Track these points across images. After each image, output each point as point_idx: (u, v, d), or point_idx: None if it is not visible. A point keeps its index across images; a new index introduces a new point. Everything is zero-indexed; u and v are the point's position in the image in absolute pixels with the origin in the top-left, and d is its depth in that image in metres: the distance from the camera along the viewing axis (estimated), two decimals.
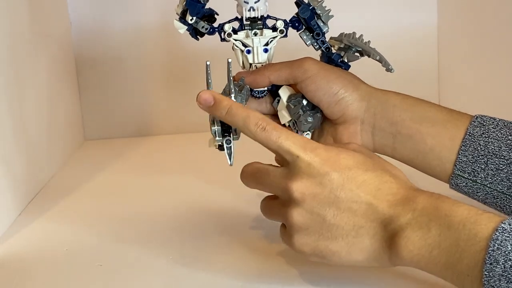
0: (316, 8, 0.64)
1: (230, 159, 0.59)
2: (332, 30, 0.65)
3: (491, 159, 0.59)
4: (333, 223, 0.50)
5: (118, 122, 1.16)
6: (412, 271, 0.55)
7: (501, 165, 0.59)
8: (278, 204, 0.54)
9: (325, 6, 0.64)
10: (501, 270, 0.43)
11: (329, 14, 0.64)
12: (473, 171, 0.60)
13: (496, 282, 0.43)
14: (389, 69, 0.63)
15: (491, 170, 0.59)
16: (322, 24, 0.65)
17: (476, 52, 1.00)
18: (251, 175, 0.55)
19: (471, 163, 0.60)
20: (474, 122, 0.60)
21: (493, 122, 0.60)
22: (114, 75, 1.14)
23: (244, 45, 0.64)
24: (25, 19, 0.87)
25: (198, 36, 0.65)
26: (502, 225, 0.44)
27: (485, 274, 0.43)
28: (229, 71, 0.58)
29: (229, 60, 0.57)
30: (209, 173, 0.89)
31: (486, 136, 0.59)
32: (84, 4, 1.11)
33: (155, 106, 1.16)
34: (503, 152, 0.59)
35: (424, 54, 1.15)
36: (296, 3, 0.65)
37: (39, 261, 0.65)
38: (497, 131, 0.59)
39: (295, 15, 0.65)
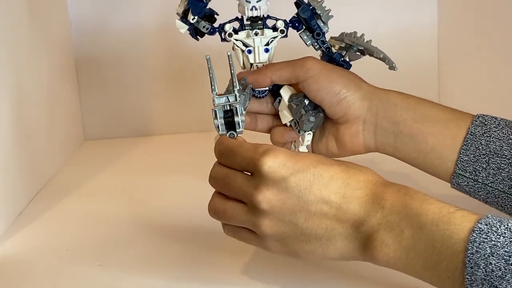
0: (316, 8, 0.64)
1: None
2: (332, 30, 0.65)
3: (493, 158, 0.59)
4: (305, 227, 0.49)
5: (118, 122, 1.16)
6: None
7: (502, 165, 0.59)
8: (243, 211, 0.51)
9: (325, 6, 0.64)
10: (482, 275, 0.42)
11: (329, 14, 0.64)
12: (475, 171, 0.60)
13: (479, 286, 0.42)
14: (392, 67, 0.63)
15: (493, 169, 0.59)
16: (322, 24, 0.65)
17: (476, 52, 1.00)
18: (219, 180, 0.54)
19: (473, 162, 0.59)
20: (476, 121, 0.60)
21: (494, 122, 0.60)
22: (114, 75, 1.14)
23: (245, 45, 0.64)
24: (25, 19, 0.87)
25: (198, 36, 0.65)
26: (479, 225, 0.43)
27: (467, 278, 0.42)
28: (231, 65, 0.57)
29: (229, 54, 0.56)
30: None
31: (488, 135, 0.59)
32: (84, 4, 1.11)
33: (155, 106, 1.16)
34: (505, 152, 0.59)
35: (424, 54, 1.15)
36: (296, 3, 0.65)
37: (39, 261, 0.65)
38: (498, 130, 0.59)
39: (295, 15, 0.65)
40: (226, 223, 0.54)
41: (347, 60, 0.65)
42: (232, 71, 0.57)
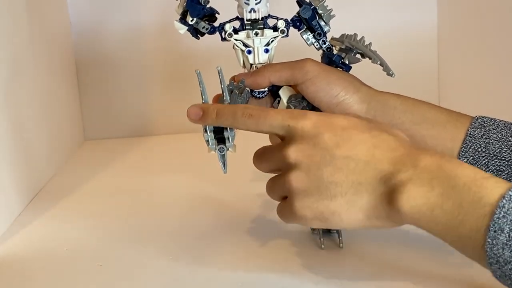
0: (317, 8, 0.64)
1: (224, 167, 0.59)
2: (332, 29, 0.65)
3: (492, 160, 0.59)
4: (330, 181, 0.49)
5: (118, 122, 1.16)
6: (415, 273, 0.56)
7: (502, 167, 0.59)
8: (279, 176, 0.53)
9: (327, 6, 0.64)
10: (505, 239, 0.42)
11: (331, 14, 0.64)
12: None
13: (499, 250, 0.42)
14: (390, 74, 0.63)
15: (492, 171, 0.59)
16: (323, 24, 0.64)
17: (476, 52, 1.00)
18: (259, 156, 0.56)
19: (472, 164, 0.59)
20: (475, 123, 0.60)
21: (493, 123, 0.60)
22: (114, 75, 1.14)
23: (245, 45, 0.63)
24: (25, 19, 0.87)
25: (198, 35, 0.65)
26: (510, 192, 0.43)
27: (488, 242, 0.42)
28: (221, 80, 0.57)
29: (218, 69, 0.57)
30: (209, 173, 0.89)
31: (487, 137, 0.59)
32: (84, 4, 1.11)
33: (155, 106, 1.16)
34: (504, 154, 0.59)
35: (424, 54, 1.15)
36: (297, 2, 0.65)
37: (39, 261, 0.65)
38: (497, 132, 0.59)
39: (296, 15, 0.65)
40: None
41: (347, 62, 0.65)
42: (222, 86, 0.57)
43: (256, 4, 0.61)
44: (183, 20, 0.63)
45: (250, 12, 0.62)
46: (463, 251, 0.45)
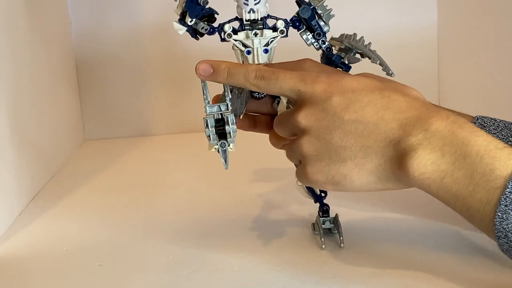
0: (317, 7, 0.64)
1: (225, 162, 0.59)
2: (332, 29, 0.65)
3: None
4: (340, 145, 0.50)
5: (118, 122, 1.16)
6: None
7: None
8: (294, 141, 0.54)
9: (326, 6, 0.64)
10: None
11: (330, 14, 0.64)
12: None
13: (508, 225, 0.42)
14: (389, 74, 0.63)
15: None
16: (323, 24, 0.64)
17: (476, 52, 1.00)
18: (277, 122, 0.56)
19: None
20: (475, 123, 0.60)
21: (493, 124, 0.60)
22: (114, 75, 1.15)
23: (244, 45, 0.63)
24: (25, 19, 0.87)
25: (198, 36, 0.65)
26: None
27: (498, 215, 0.42)
28: None
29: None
30: (209, 173, 0.89)
31: None
32: (84, 4, 1.11)
33: (155, 106, 1.16)
34: None
35: (424, 54, 1.15)
36: (297, 2, 0.65)
37: (39, 261, 0.65)
38: (497, 132, 0.59)
39: (296, 15, 0.65)
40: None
41: (346, 62, 0.65)
42: (225, 85, 0.57)
43: (255, 4, 0.61)
44: (182, 21, 0.63)
45: (249, 12, 0.62)
46: (470, 220, 0.45)
